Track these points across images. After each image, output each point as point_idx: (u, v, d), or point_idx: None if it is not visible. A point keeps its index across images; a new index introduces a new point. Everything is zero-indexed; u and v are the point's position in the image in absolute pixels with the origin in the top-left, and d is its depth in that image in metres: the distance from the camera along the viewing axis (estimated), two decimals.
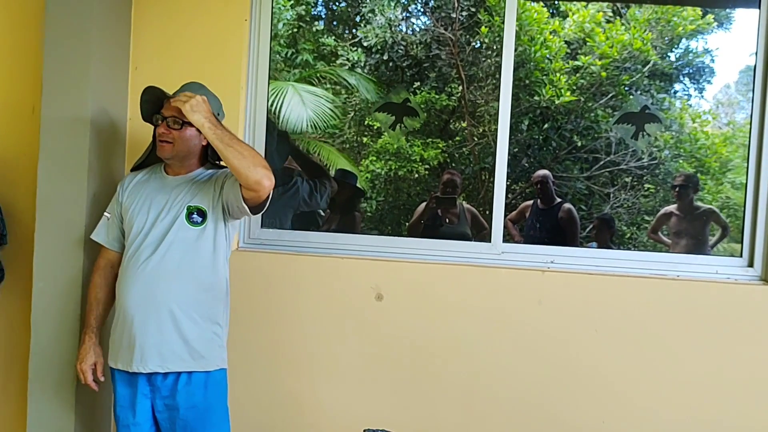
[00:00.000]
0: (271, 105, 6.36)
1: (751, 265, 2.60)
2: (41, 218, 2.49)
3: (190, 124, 2.12)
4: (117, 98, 2.66)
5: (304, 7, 7.42)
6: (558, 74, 6.51)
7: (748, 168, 2.64)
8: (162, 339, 2.11)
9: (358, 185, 5.90)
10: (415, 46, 7.09)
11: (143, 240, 2.15)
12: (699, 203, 4.82)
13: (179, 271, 2.13)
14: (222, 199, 2.16)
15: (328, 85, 7.24)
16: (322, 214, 4.43)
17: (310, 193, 3.77)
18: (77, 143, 2.46)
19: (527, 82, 6.58)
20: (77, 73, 2.47)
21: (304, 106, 6.60)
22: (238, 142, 2.03)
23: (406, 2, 7.34)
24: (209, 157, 2.25)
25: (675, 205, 4.64)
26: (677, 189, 4.68)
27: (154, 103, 2.20)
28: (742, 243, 2.65)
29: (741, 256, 2.64)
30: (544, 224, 4.55)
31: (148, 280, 2.12)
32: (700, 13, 6.59)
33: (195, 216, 2.16)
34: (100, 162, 2.54)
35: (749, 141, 2.65)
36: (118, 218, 2.28)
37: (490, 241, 2.73)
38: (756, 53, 2.63)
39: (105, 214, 2.33)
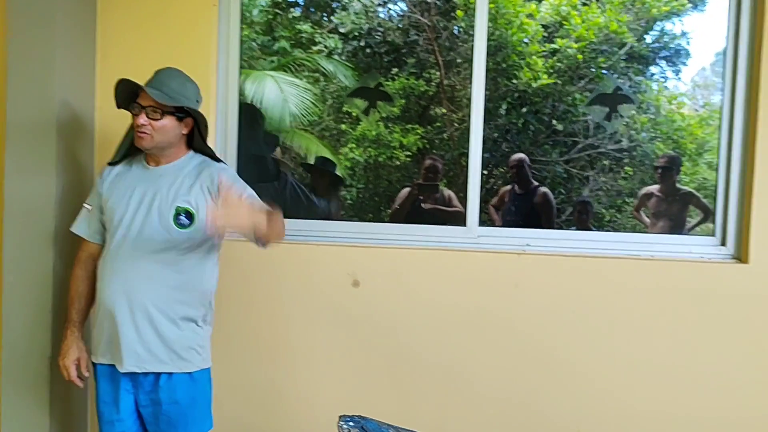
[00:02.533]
0: (252, 97, 6.31)
1: (723, 244, 2.62)
2: (9, 211, 2.44)
3: (170, 113, 2.07)
4: (84, 87, 2.61)
5: None
6: (535, 57, 6.51)
7: (719, 149, 2.66)
8: (139, 339, 2.06)
9: (337, 173, 5.90)
10: (392, 32, 7.05)
11: (125, 234, 2.08)
12: (679, 186, 4.82)
13: (161, 271, 2.07)
14: None
15: (306, 72, 7.18)
16: (305, 202, 4.42)
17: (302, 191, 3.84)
18: (44, 134, 2.42)
19: (504, 66, 6.58)
20: (42, 63, 2.41)
21: (285, 102, 6.56)
22: (279, 223, 2.01)
23: None
24: (194, 144, 2.20)
25: (657, 186, 4.65)
26: (660, 170, 4.67)
27: (129, 92, 2.11)
28: (714, 222, 2.67)
29: (714, 235, 2.66)
30: (520, 208, 4.55)
31: (127, 277, 2.06)
32: None
33: (182, 218, 2.08)
34: (68, 153, 2.49)
35: (720, 122, 2.67)
36: (98, 210, 2.20)
37: (465, 225, 2.72)
38: (727, 35, 2.64)
39: (85, 205, 2.23)
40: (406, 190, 4.35)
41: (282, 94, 6.59)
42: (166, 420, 2.13)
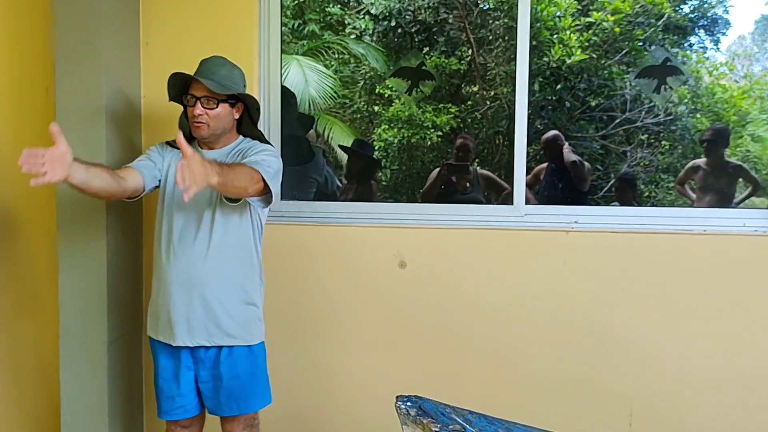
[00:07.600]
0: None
1: None
2: (61, 198, 2.49)
3: (224, 101, 2.13)
4: (130, 75, 2.63)
5: None
6: (568, 32, 6.38)
7: None
8: (207, 314, 2.14)
9: (374, 156, 5.89)
10: (422, 11, 6.98)
11: (183, 216, 2.16)
12: (728, 159, 4.68)
13: (221, 249, 2.15)
14: None
15: (337, 55, 7.16)
16: (340, 185, 4.43)
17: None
18: (93, 122, 2.45)
19: (535, 43, 6.46)
20: (89, 52, 2.44)
21: (306, 84, 6.58)
22: (234, 175, 1.94)
23: None
24: (242, 128, 2.26)
25: (704, 159, 4.54)
26: (705, 144, 4.57)
27: (179, 84, 2.18)
28: None
29: None
30: (556, 185, 4.47)
31: (191, 257, 2.14)
32: None
33: None
34: (117, 140, 2.52)
35: None
36: (152, 160, 2.23)
37: (512, 204, 2.70)
38: None
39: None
40: (437, 171, 4.31)
41: (304, 78, 6.63)
42: (227, 394, 2.20)
